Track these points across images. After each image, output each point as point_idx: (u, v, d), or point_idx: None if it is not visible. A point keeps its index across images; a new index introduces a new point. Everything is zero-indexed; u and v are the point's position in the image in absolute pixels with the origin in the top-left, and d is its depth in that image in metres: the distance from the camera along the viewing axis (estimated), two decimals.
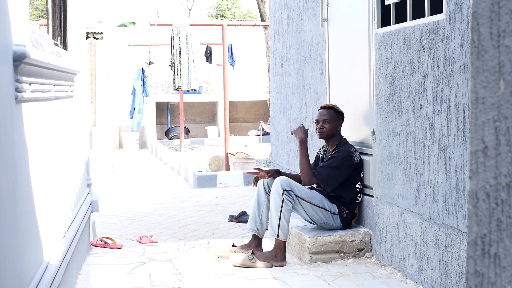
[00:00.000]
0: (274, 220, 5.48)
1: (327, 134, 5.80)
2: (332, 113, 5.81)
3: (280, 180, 5.56)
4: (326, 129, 5.78)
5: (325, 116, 5.81)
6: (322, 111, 5.86)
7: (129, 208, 9.45)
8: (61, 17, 5.27)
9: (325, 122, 5.80)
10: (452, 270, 4.30)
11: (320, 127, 5.81)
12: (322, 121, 5.81)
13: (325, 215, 5.62)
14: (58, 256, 3.95)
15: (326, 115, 5.81)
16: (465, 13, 4.08)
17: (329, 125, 5.78)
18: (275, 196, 5.51)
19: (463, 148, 4.15)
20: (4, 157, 2.71)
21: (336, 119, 5.82)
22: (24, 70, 3.21)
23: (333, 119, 5.80)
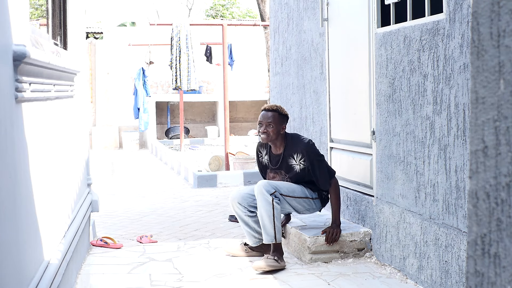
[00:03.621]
0: (269, 227, 5.43)
1: (271, 138, 5.58)
2: (276, 116, 5.59)
3: (263, 186, 5.46)
4: (270, 133, 5.55)
5: (268, 119, 5.57)
6: (265, 114, 5.62)
7: (129, 208, 9.45)
8: (61, 17, 5.27)
9: (269, 125, 5.56)
10: (452, 269, 4.30)
11: (264, 130, 5.57)
12: (266, 124, 5.58)
13: (307, 203, 5.65)
14: (58, 256, 3.95)
15: (269, 118, 5.57)
16: (465, 13, 4.08)
17: (272, 128, 5.56)
18: (264, 204, 5.41)
19: (463, 148, 4.15)
20: (4, 157, 2.71)
21: (280, 122, 5.61)
22: (24, 70, 3.21)
23: (276, 122, 5.57)
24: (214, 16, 38.01)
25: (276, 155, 5.72)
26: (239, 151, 13.88)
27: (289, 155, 5.61)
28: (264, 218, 5.42)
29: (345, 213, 6.16)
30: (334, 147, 6.47)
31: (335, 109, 6.42)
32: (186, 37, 13.47)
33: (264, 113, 5.62)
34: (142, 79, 18.42)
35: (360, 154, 5.88)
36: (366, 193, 5.73)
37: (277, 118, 5.57)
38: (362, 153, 5.83)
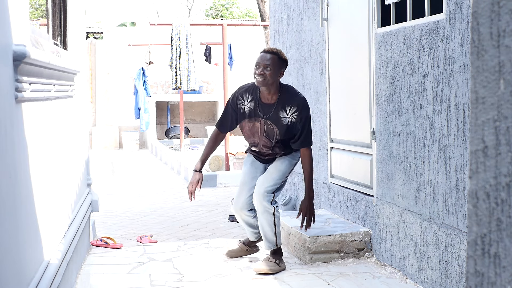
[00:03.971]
0: (270, 235, 5.42)
1: (268, 81, 5.21)
2: (276, 59, 5.25)
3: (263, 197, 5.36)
4: (267, 76, 5.19)
5: (267, 61, 5.23)
6: (264, 55, 5.29)
7: (129, 208, 9.45)
8: (61, 17, 5.27)
9: (267, 67, 5.21)
10: (452, 269, 4.30)
11: (261, 72, 5.21)
12: (263, 66, 5.22)
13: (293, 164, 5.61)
14: (58, 256, 3.95)
15: (268, 60, 5.23)
16: (465, 13, 4.08)
17: (270, 72, 5.20)
18: (265, 216, 5.37)
19: (463, 148, 4.15)
20: (4, 157, 2.71)
21: (279, 66, 5.27)
22: (24, 70, 3.21)
23: (275, 65, 5.23)
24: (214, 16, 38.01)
25: (267, 104, 5.37)
26: (239, 151, 13.88)
27: (282, 106, 5.32)
28: (265, 228, 5.41)
29: (345, 213, 6.16)
30: (334, 147, 6.47)
31: (335, 109, 6.41)
32: (186, 37, 13.48)
33: (263, 55, 5.31)
34: (142, 79, 18.42)
35: (360, 154, 5.88)
36: (366, 193, 5.73)
37: (276, 61, 5.26)
38: (362, 153, 5.83)
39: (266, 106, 5.36)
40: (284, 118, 5.31)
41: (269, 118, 5.35)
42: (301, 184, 7.49)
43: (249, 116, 5.42)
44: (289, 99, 5.30)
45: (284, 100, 5.31)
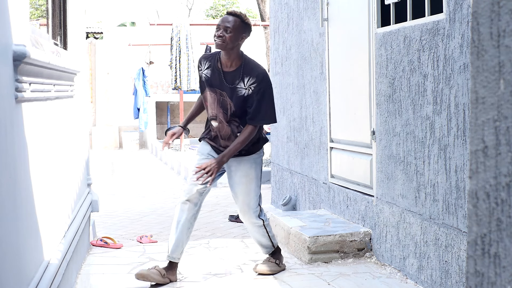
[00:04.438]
0: (265, 242, 5.31)
1: (227, 45, 4.87)
2: (238, 22, 4.92)
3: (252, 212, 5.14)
4: (226, 39, 4.86)
5: (228, 23, 4.89)
6: (226, 17, 4.95)
7: (129, 208, 9.45)
8: (61, 17, 5.27)
9: (227, 30, 4.87)
10: (452, 270, 4.30)
11: (220, 34, 4.88)
12: (223, 28, 4.89)
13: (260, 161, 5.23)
14: (58, 256, 3.95)
15: (229, 23, 4.89)
16: (465, 13, 4.08)
17: (230, 35, 4.87)
18: (257, 230, 5.23)
19: (463, 148, 4.15)
20: (4, 157, 2.71)
21: (240, 30, 4.93)
22: (24, 70, 3.21)
23: (236, 29, 4.90)
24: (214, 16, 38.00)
25: (225, 72, 5.02)
26: None
27: (241, 75, 4.97)
28: (259, 239, 5.30)
29: (345, 213, 6.16)
30: (334, 147, 6.47)
31: (335, 109, 6.41)
32: (186, 37, 13.48)
33: (224, 17, 4.97)
34: (142, 79, 18.43)
35: (360, 154, 5.88)
36: (366, 193, 5.73)
37: (238, 25, 4.91)
38: (362, 153, 5.83)
39: (224, 73, 5.01)
40: (240, 89, 4.96)
41: (225, 89, 4.99)
42: (301, 184, 7.49)
43: (208, 85, 5.08)
44: (250, 69, 4.98)
45: (244, 69, 4.98)
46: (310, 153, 7.17)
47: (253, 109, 4.93)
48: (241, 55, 5.03)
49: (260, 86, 4.93)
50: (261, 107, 4.93)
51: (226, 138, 5.08)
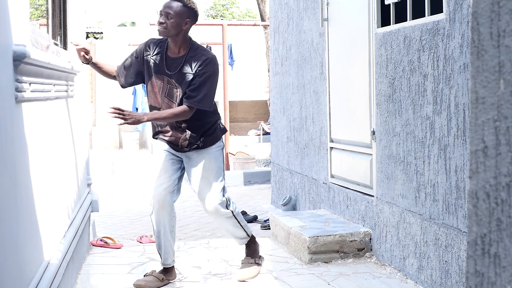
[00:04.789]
0: (238, 232, 5.14)
1: (169, 32, 4.68)
2: (180, 6, 4.68)
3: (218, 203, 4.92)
4: (168, 25, 4.66)
5: (168, 9, 4.67)
6: (167, 2, 4.72)
7: (129, 208, 9.45)
8: (61, 17, 5.27)
9: (168, 15, 4.65)
10: (452, 270, 4.30)
11: (161, 21, 4.67)
12: (165, 14, 4.67)
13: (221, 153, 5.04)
14: (58, 256, 3.95)
15: (170, 8, 4.67)
16: (465, 13, 4.08)
17: (172, 21, 4.65)
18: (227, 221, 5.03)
19: (463, 148, 4.15)
20: (4, 157, 2.71)
21: (183, 15, 4.69)
22: (24, 70, 3.21)
23: (178, 14, 4.68)
24: (214, 16, 38.00)
25: (173, 58, 4.80)
26: (239, 151, 13.89)
27: (189, 61, 4.74)
28: (231, 229, 5.12)
29: (345, 213, 6.16)
30: (334, 147, 6.47)
31: (335, 109, 6.41)
32: None
33: (166, 2, 4.73)
34: None
35: (360, 154, 5.88)
36: (366, 193, 5.73)
37: (181, 10, 4.68)
38: (362, 153, 5.83)
39: (172, 60, 4.79)
40: (187, 74, 4.73)
41: (173, 76, 4.76)
42: (301, 184, 7.50)
43: (155, 71, 4.82)
44: (197, 54, 4.76)
45: (191, 54, 4.76)
46: (310, 153, 7.17)
47: (190, 90, 4.69)
48: (188, 40, 4.82)
49: (204, 69, 4.70)
50: (199, 90, 4.69)
51: (174, 128, 4.85)
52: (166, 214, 4.90)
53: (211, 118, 4.93)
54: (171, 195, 4.92)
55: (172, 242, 5.01)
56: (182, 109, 4.66)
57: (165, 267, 5.05)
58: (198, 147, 4.90)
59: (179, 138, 4.86)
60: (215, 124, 4.97)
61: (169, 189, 4.90)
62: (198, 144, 4.87)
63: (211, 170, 4.92)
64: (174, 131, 4.85)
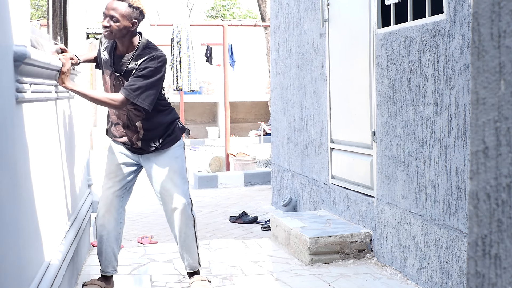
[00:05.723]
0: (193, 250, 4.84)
1: (115, 35, 4.41)
2: (125, 7, 4.40)
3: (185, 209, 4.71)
4: (113, 29, 4.39)
5: (113, 11, 4.39)
6: (110, 3, 4.42)
7: (130, 209, 9.43)
8: (62, 17, 5.27)
9: (112, 18, 4.37)
10: (453, 271, 4.30)
11: (106, 24, 4.39)
12: (109, 17, 4.39)
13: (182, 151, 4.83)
14: (59, 256, 3.95)
15: (115, 11, 4.38)
16: (465, 14, 4.08)
17: (117, 24, 4.38)
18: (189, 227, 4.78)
19: (463, 149, 4.15)
20: (4, 158, 2.71)
21: (130, 17, 4.42)
22: (24, 70, 3.21)
23: (124, 16, 4.40)
24: (214, 16, 38.02)
25: (121, 56, 4.59)
26: (239, 152, 13.88)
27: (136, 58, 4.52)
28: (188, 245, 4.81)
29: (345, 214, 6.16)
30: (335, 148, 6.47)
31: (336, 110, 6.41)
32: (186, 38, 13.47)
33: (109, 3, 4.43)
34: None
35: (360, 155, 5.88)
36: (366, 194, 5.73)
37: (126, 11, 4.41)
38: (362, 154, 5.83)
39: (119, 58, 4.58)
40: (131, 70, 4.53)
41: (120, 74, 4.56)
42: (301, 185, 7.49)
43: (104, 67, 4.66)
44: (144, 51, 4.53)
45: (140, 53, 4.53)
46: (310, 154, 7.17)
47: (129, 80, 4.45)
48: (138, 39, 4.57)
49: (147, 64, 4.45)
50: (137, 82, 4.42)
51: (126, 126, 4.66)
52: (112, 219, 4.75)
53: (167, 117, 4.70)
54: (119, 200, 4.76)
55: (116, 250, 4.83)
56: (117, 96, 4.39)
57: (104, 275, 4.85)
58: (157, 149, 4.69)
59: (131, 137, 4.66)
60: (173, 124, 4.73)
61: (117, 193, 4.74)
62: (156, 146, 4.67)
63: (173, 170, 4.71)
64: (127, 129, 4.66)
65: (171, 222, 4.82)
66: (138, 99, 4.40)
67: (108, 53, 4.61)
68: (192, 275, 4.91)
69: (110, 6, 4.39)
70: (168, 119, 4.71)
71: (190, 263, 4.86)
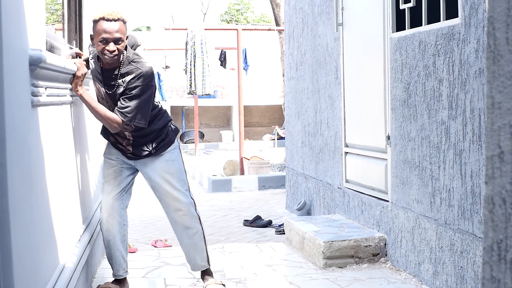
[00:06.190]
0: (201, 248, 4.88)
1: (120, 57, 4.37)
2: (122, 25, 4.32)
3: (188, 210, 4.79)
4: (119, 52, 4.32)
5: (117, 33, 4.27)
6: (111, 27, 4.26)
7: (143, 212, 9.47)
8: (77, 21, 5.30)
9: (118, 41, 4.28)
10: (468, 275, 4.28)
11: (112, 49, 4.27)
12: (114, 41, 4.27)
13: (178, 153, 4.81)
14: (73, 259, 3.96)
15: (118, 32, 4.28)
16: (480, 18, 4.07)
17: (121, 44, 4.31)
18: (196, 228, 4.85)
19: (478, 153, 4.13)
20: (20, 161, 2.72)
21: (125, 32, 4.37)
22: (40, 74, 3.22)
23: (124, 34, 4.34)
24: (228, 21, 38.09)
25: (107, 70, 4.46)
26: (253, 156, 13.89)
27: (122, 75, 4.42)
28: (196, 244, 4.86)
29: (359, 218, 6.15)
30: (349, 152, 6.46)
31: (350, 114, 6.41)
32: (201, 42, 13.51)
33: (108, 27, 4.26)
34: (158, 83, 18.49)
35: (375, 159, 5.87)
36: (381, 198, 5.71)
37: (124, 28, 4.34)
38: (377, 158, 5.81)
39: (105, 71, 4.46)
40: (120, 87, 4.43)
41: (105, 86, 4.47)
42: (315, 189, 7.49)
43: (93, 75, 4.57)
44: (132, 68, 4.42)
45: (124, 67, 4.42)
46: (324, 158, 7.17)
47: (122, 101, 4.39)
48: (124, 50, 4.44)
49: (136, 82, 4.38)
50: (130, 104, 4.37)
51: (121, 135, 4.60)
52: (115, 222, 4.74)
53: (159, 123, 4.66)
54: (120, 203, 4.75)
55: (124, 252, 4.83)
56: (115, 118, 4.38)
57: (117, 278, 4.87)
58: (151, 154, 4.66)
59: (122, 142, 4.63)
60: (166, 127, 4.70)
61: (117, 196, 4.73)
62: (150, 150, 4.65)
63: (171, 174, 4.71)
64: (116, 135, 4.62)
65: (175, 223, 4.86)
66: (135, 120, 4.41)
67: (95, 63, 4.52)
68: (206, 278, 4.94)
69: (112, 29, 4.27)
70: (160, 124, 4.68)
71: (198, 262, 4.89)
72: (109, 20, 4.26)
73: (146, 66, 4.44)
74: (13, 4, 2.68)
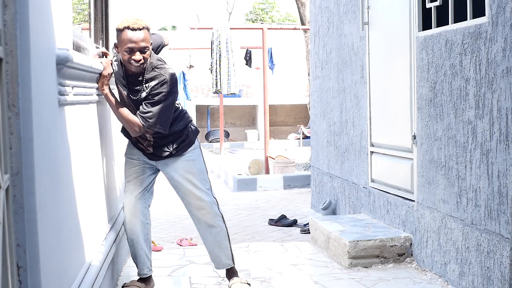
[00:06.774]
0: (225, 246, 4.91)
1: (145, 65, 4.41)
2: (147, 33, 4.34)
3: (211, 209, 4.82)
4: (145, 60, 4.37)
5: (143, 42, 4.30)
6: (137, 36, 4.28)
7: (169, 211, 9.50)
8: (103, 21, 5.33)
9: (144, 50, 4.33)
10: (494, 276, 4.25)
11: (138, 58, 4.31)
12: (140, 50, 4.31)
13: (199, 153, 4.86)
14: (100, 258, 3.99)
15: (144, 41, 4.31)
16: (508, 16, 4.03)
17: (147, 52, 4.36)
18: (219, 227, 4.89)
19: (505, 153, 4.10)
20: (47, 160, 2.74)
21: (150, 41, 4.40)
22: (67, 73, 3.25)
23: (149, 42, 4.36)
24: (253, 20, 38.10)
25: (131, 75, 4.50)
26: (279, 155, 13.88)
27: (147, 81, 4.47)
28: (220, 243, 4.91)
29: (385, 217, 6.12)
30: (375, 151, 6.44)
31: (376, 113, 6.38)
32: (226, 41, 13.51)
33: (134, 36, 4.28)
34: (183, 82, 18.55)
35: (400, 159, 5.84)
36: (406, 197, 5.69)
37: (149, 36, 4.38)
38: (402, 158, 5.79)
39: (131, 77, 4.50)
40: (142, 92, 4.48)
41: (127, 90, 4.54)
42: (341, 189, 7.47)
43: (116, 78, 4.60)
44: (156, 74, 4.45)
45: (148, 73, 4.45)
46: (350, 157, 7.15)
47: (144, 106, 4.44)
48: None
49: (159, 88, 4.42)
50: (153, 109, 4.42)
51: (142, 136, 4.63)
52: (138, 222, 4.77)
53: (179, 124, 4.71)
54: (142, 202, 4.78)
55: (147, 251, 4.86)
56: (136, 121, 4.44)
57: (142, 277, 4.90)
58: (171, 155, 4.71)
59: (143, 143, 4.68)
60: (186, 129, 4.76)
61: (139, 195, 4.77)
62: (170, 151, 4.69)
63: (193, 173, 4.75)
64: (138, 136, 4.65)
65: (198, 221, 4.89)
66: (156, 126, 4.46)
67: (118, 66, 4.55)
68: (231, 277, 4.96)
69: (137, 38, 4.29)
70: (180, 126, 4.73)
71: (223, 260, 4.93)
72: (134, 29, 4.28)
73: (169, 73, 4.47)
74: (41, 4, 2.70)
